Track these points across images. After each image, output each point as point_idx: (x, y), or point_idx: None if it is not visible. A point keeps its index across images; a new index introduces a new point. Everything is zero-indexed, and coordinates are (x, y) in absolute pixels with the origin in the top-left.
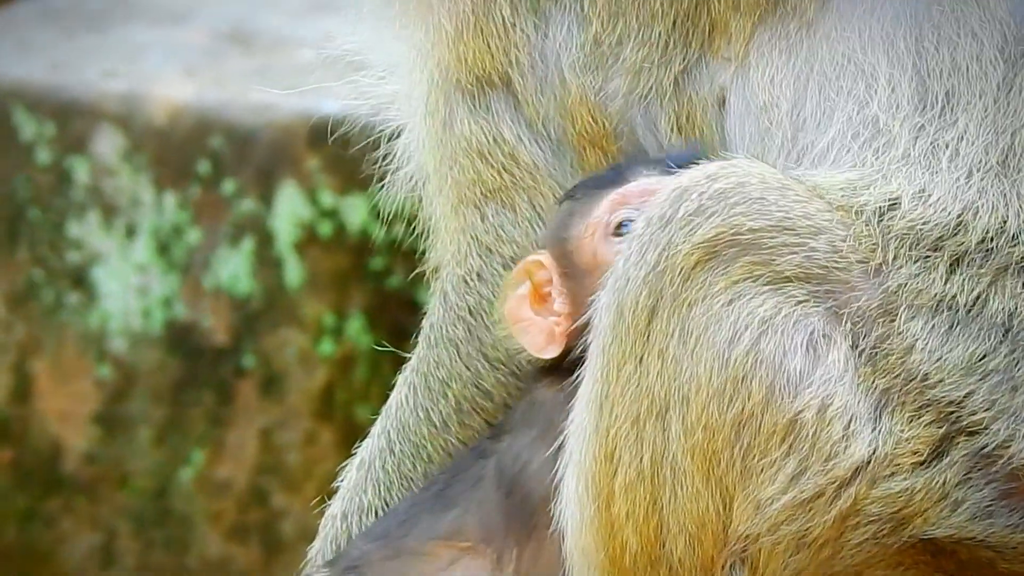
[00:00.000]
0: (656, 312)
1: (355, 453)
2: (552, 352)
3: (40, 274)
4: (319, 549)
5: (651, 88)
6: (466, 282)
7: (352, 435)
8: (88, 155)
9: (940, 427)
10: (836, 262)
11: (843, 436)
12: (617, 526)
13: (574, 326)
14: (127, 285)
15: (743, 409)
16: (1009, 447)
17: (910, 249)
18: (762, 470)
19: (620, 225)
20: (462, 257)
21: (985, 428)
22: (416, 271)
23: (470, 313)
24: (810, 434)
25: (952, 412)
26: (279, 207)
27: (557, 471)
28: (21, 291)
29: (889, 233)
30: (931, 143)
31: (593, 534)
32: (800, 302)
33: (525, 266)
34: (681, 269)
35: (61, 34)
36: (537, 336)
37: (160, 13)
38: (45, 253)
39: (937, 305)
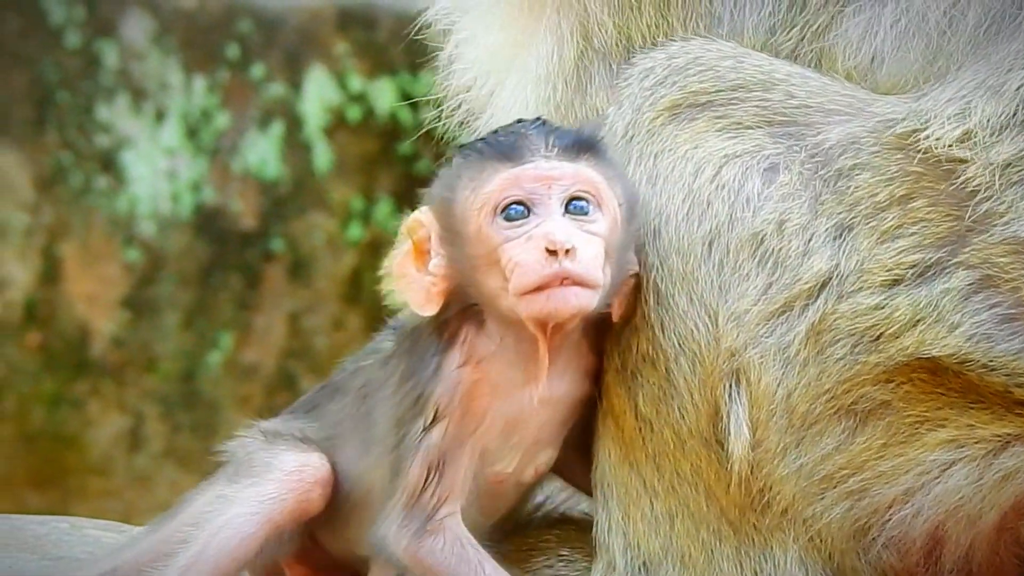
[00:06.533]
0: (625, 167)
1: None
2: (430, 310)
3: (69, 157)
4: None
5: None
6: None
7: (379, 320)
8: (117, 38)
9: (928, 254)
10: (796, 108)
11: (804, 251)
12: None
13: (450, 287)
14: (156, 169)
15: (710, 228)
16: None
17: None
18: (737, 283)
19: (508, 208)
20: None
21: (1002, 269)
22: (444, 156)
23: None
24: (772, 249)
25: (953, 243)
26: (308, 91)
27: None
28: (50, 174)
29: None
30: None
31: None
32: (757, 142)
33: (407, 225)
34: (648, 130)
35: None
36: (415, 294)
37: None
38: (74, 137)
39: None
